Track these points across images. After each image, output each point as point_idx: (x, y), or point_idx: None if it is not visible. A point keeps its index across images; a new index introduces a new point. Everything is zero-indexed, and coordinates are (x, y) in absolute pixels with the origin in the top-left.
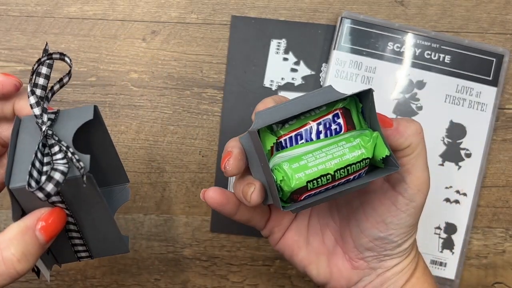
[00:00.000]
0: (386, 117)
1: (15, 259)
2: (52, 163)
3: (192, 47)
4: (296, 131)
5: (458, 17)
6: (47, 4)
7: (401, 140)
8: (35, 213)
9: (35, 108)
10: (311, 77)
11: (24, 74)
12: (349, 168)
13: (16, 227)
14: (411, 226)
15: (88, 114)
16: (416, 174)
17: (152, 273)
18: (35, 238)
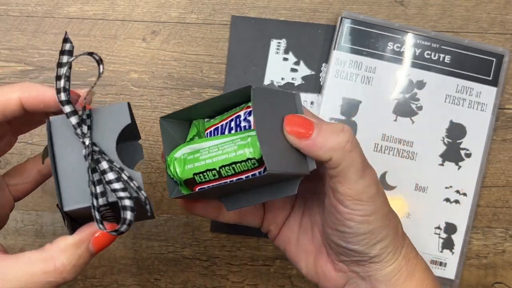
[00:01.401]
0: (305, 125)
1: (66, 270)
2: (105, 184)
3: (192, 47)
4: (216, 125)
5: (458, 17)
6: (47, 4)
7: (319, 153)
8: (91, 227)
9: (72, 118)
10: (311, 77)
11: (24, 74)
12: (234, 167)
13: (71, 239)
14: (367, 233)
15: (124, 117)
16: (348, 186)
17: (152, 273)
18: (87, 251)
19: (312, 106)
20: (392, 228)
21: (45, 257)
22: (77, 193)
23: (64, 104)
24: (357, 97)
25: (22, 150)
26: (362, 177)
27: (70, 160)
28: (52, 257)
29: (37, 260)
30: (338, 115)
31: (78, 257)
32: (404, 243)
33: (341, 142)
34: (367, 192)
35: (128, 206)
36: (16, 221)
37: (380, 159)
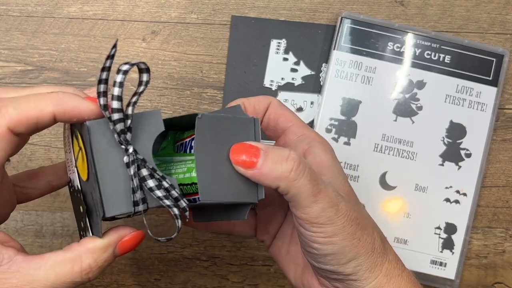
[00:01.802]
0: (250, 153)
1: (92, 271)
2: (146, 192)
3: (192, 47)
4: (182, 141)
5: (458, 17)
6: (47, 4)
7: (266, 182)
8: (119, 231)
9: (118, 125)
10: (311, 77)
11: (24, 74)
12: (182, 188)
13: (100, 242)
14: (334, 253)
15: (158, 124)
16: (302, 211)
17: (152, 273)
18: (112, 254)
19: (312, 106)
20: (364, 246)
21: (72, 257)
22: (118, 199)
23: (114, 111)
24: (357, 97)
25: (22, 149)
26: (314, 202)
27: (110, 166)
28: (80, 258)
29: (65, 260)
30: (338, 115)
31: (104, 260)
32: (385, 260)
33: (284, 171)
34: (323, 215)
35: (178, 214)
36: (16, 221)
37: (380, 159)
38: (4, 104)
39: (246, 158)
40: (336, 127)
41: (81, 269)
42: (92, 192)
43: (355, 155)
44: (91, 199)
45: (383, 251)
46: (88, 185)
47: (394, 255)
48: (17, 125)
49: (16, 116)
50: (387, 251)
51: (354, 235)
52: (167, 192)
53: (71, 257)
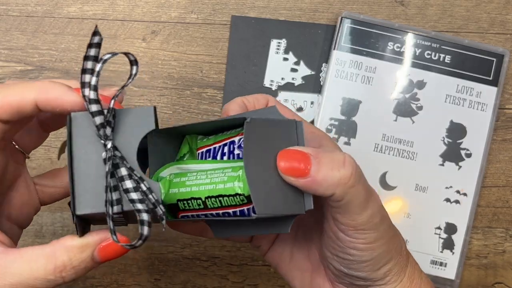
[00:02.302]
0: (301, 160)
1: (65, 270)
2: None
3: (192, 47)
4: (208, 147)
5: (458, 17)
6: (47, 4)
7: (319, 190)
8: (100, 233)
9: (97, 117)
10: (311, 77)
11: (24, 74)
12: (221, 200)
13: (77, 241)
14: (371, 260)
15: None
16: (351, 218)
17: (152, 273)
18: (91, 258)
19: (312, 106)
20: (396, 250)
21: (48, 253)
22: (91, 197)
23: (92, 102)
24: (357, 97)
25: None
26: (365, 209)
27: (88, 161)
28: (54, 254)
29: (40, 255)
30: (338, 115)
31: (80, 261)
32: (407, 263)
33: (344, 178)
34: (370, 222)
35: (146, 221)
36: None
37: (380, 159)
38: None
39: (297, 166)
40: (336, 127)
41: (55, 266)
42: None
43: (355, 155)
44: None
45: (407, 253)
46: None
47: (413, 257)
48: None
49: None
50: (408, 253)
51: (392, 239)
52: (144, 196)
53: (46, 252)
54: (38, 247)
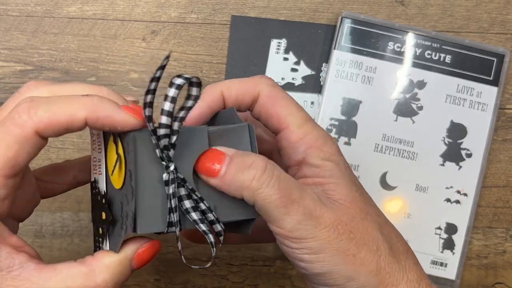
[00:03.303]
0: (214, 159)
1: (107, 286)
2: (182, 212)
3: (192, 47)
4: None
5: (458, 17)
6: (46, 4)
7: (230, 191)
8: (135, 243)
9: (163, 140)
10: (311, 77)
11: (23, 74)
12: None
13: (116, 256)
14: (325, 273)
15: (202, 143)
16: (275, 224)
17: (152, 273)
18: (129, 268)
19: (312, 106)
20: (363, 264)
21: (87, 272)
22: (153, 217)
23: (162, 126)
24: (358, 97)
25: None
26: (286, 214)
27: (149, 181)
28: (94, 273)
29: (78, 274)
30: (338, 115)
31: (120, 274)
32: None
33: (245, 181)
34: (300, 228)
35: (213, 242)
36: None
37: (381, 159)
38: (34, 104)
39: (210, 165)
40: (336, 127)
41: (96, 284)
42: (122, 202)
43: (356, 155)
44: (120, 209)
45: (397, 269)
46: (119, 195)
47: (416, 274)
48: (46, 129)
49: (46, 120)
50: (404, 269)
51: (347, 251)
52: (203, 215)
53: (84, 271)
54: (74, 264)
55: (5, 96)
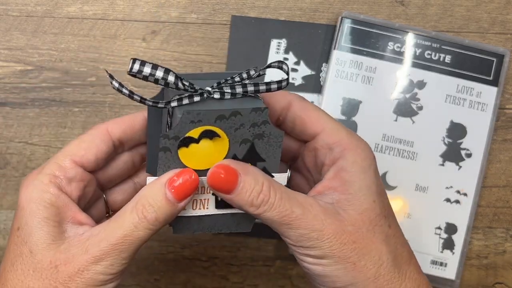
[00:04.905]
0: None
1: (145, 208)
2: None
3: (192, 47)
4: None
5: (458, 17)
6: (46, 4)
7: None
8: (169, 173)
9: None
10: (311, 77)
11: (23, 74)
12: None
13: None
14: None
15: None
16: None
17: (152, 273)
18: (163, 194)
19: None
20: (362, 272)
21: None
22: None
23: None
24: (358, 97)
25: (21, 150)
26: (290, 229)
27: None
28: (134, 200)
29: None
30: (339, 115)
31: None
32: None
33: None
34: (304, 239)
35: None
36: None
37: (381, 159)
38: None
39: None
40: None
41: (136, 208)
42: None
43: None
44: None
45: (396, 277)
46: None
47: (416, 281)
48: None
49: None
50: (404, 277)
51: (348, 259)
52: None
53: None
54: (125, 210)
55: (5, 96)
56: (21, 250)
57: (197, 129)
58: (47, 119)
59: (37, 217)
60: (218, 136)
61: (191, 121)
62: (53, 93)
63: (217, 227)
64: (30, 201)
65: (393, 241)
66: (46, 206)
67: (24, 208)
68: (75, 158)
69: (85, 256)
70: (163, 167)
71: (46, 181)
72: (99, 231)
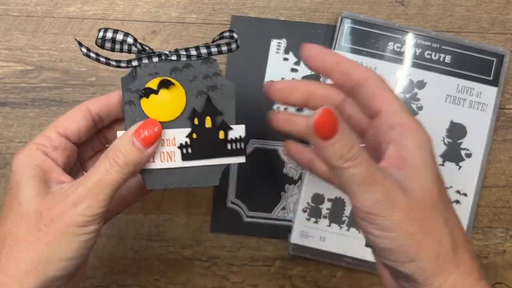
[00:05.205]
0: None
1: (116, 155)
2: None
3: None
4: None
5: (458, 17)
6: (47, 4)
7: (322, 155)
8: (136, 124)
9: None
10: (311, 77)
11: (23, 74)
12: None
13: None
14: (390, 249)
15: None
16: (355, 198)
17: (152, 273)
18: (131, 142)
19: None
20: (425, 250)
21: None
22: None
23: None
24: None
25: (19, 149)
26: (367, 192)
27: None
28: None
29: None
30: None
31: (122, 146)
32: (453, 270)
33: (342, 156)
34: (376, 206)
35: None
36: None
37: None
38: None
39: (325, 129)
40: None
41: (108, 156)
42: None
43: None
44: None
45: (453, 259)
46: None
47: (469, 267)
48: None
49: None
50: (459, 261)
51: (414, 235)
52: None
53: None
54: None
55: (5, 96)
56: (12, 204)
57: (155, 80)
58: (47, 119)
59: (25, 176)
60: (174, 84)
61: (149, 73)
62: (53, 93)
63: (186, 181)
64: (19, 165)
65: (451, 224)
66: (33, 167)
67: (15, 171)
68: (60, 129)
69: (65, 201)
70: (130, 120)
71: (34, 148)
72: (77, 181)
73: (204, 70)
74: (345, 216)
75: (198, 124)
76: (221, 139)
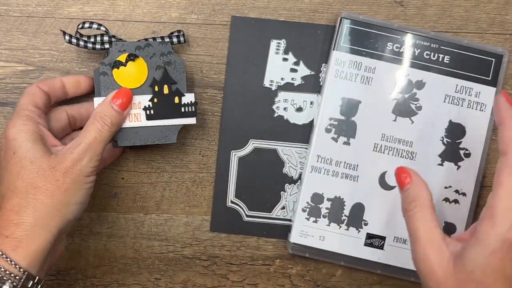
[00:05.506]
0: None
1: (102, 117)
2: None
3: (192, 47)
4: None
5: (457, 17)
6: (47, 4)
7: (401, 199)
8: (111, 92)
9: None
10: (310, 77)
11: (24, 74)
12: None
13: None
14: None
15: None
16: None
17: (152, 272)
18: (111, 107)
19: (311, 106)
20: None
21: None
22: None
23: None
24: (357, 97)
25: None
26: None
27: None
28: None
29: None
30: (338, 115)
31: (102, 110)
32: None
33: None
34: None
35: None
36: None
37: (380, 159)
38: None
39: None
40: (335, 127)
41: (94, 117)
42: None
43: (355, 155)
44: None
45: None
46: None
47: None
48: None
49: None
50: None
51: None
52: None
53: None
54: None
55: (6, 96)
56: (22, 164)
57: (123, 55)
58: None
59: (29, 139)
60: (138, 57)
61: (119, 50)
62: None
63: (149, 139)
64: (19, 132)
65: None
66: (32, 133)
67: (16, 138)
68: (33, 103)
69: (72, 155)
70: (105, 88)
71: (24, 119)
72: (75, 141)
73: (161, 49)
74: (345, 215)
75: (157, 90)
76: (176, 103)
